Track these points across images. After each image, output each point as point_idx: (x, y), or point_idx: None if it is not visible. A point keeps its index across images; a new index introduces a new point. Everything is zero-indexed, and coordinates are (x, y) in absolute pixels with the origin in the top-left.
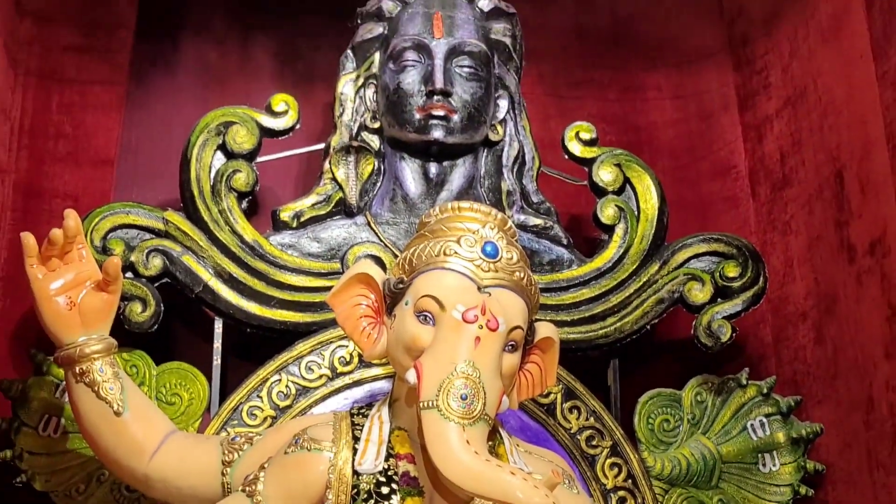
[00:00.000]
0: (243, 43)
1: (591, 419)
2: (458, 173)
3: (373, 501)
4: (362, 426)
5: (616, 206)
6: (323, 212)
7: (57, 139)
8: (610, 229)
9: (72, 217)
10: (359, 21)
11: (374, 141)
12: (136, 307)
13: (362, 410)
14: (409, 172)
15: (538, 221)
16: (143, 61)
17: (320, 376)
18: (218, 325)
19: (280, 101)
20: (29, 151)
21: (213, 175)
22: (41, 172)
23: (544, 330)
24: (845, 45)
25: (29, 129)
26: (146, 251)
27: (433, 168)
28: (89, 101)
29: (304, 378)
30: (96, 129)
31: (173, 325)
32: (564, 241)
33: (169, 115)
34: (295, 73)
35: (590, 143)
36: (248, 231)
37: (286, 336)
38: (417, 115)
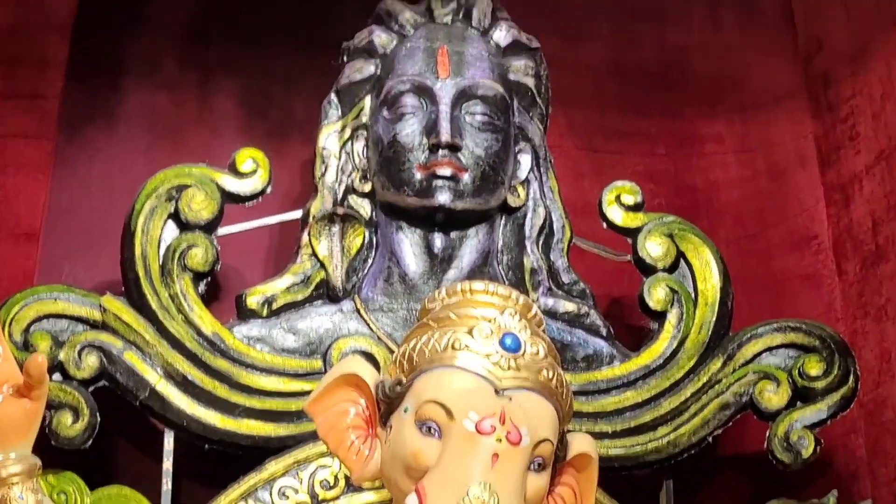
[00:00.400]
0: (202, 87)
1: None
2: (470, 247)
3: None
4: None
5: (667, 286)
6: (300, 296)
7: None
8: (660, 316)
9: None
10: (345, 58)
11: (365, 207)
12: (67, 417)
13: None
14: (409, 246)
15: (571, 307)
16: (77, 110)
17: None
18: (168, 440)
19: (247, 157)
20: None
21: (162, 251)
22: None
23: (579, 443)
24: None
25: None
26: (79, 347)
27: (438, 240)
28: (9, 159)
29: None
30: (17, 193)
31: (113, 439)
32: (603, 332)
33: (109, 175)
34: (266, 123)
35: (634, 207)
36: (206, 321)
37: (254, 453)
38: (418, 175)
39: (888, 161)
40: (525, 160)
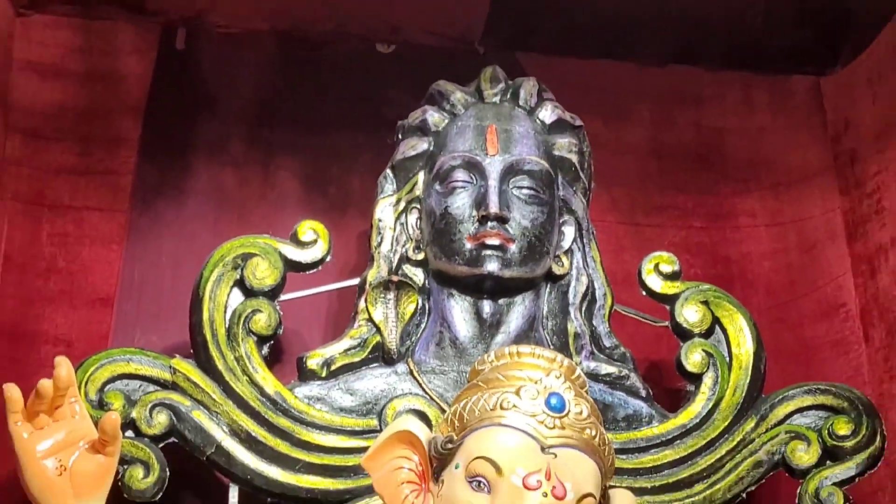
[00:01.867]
0: (265, 166)
1: None
2: (517, 313)
3: None
4: None
5: (703, 351)
6: (357, 359)
7: (48, 275)
8: (696, 379)
9: (63, 366)
10: (399, 136)
11: (418, 275)
12: (138, 472)
13: None
14: (459, 312)
15: (612, 370)
16: (149, 186)
17: None
18: (233, 494)
19: (308, 229)
20: (15, 289)
21: (228, 316)
22: (29, 313)
23: (621, 499)
24: None
25: (16, 263)
26: (150, 406)
27: (487, 307)
28: (86, 231)
29: None
30: (94, 263)
31: (181, 492)
32: (643, 393)
33: (178, 247)
34: (325, 199)
35: (672, 276)
36: (269, 382)
37: None
38: (468, 245)
39: None
40: (569, 231)
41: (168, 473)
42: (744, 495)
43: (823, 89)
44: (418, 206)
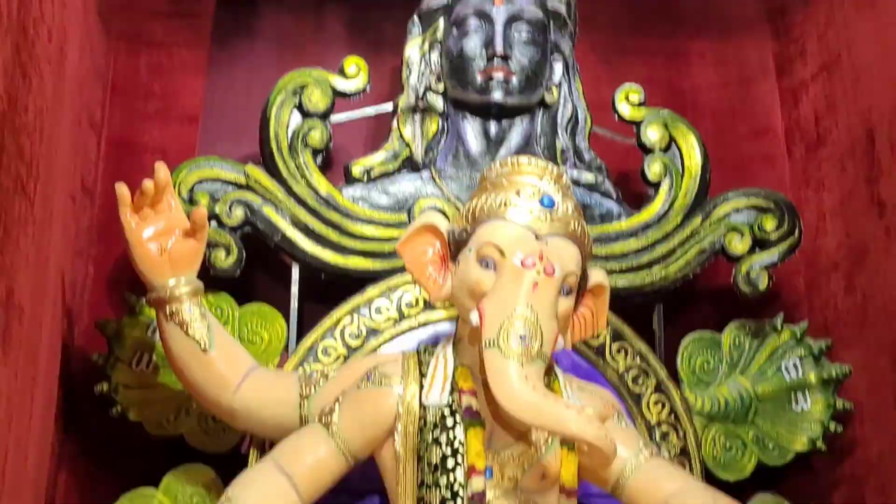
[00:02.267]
0: (317, 12)
1: (637, 359)
2: (517, 132)
3: (438, 431)
4: (428, 363)
5: (662, 163)
6: (391, 167)
7: (146, 98)
8: (656, 185)
9: (162, 169)
10: None
11: (439, 102)
12: (221, 254)
13: (428, 349)
14: (471, 131)
15: (590, 177)
16: (225, 27)
17: (388, 318)
18: (295, 271)
19: (352, 63)
20: (120, 109)
21: (290, 133)
22: (132, 128)
23: (596, 276)
24: (879, 12)
25: (121, 88)
26: (229, 202)
27: (493, 127)
28: (175, 63)
29: (373, 320)
30: (182, 89)
31: (254, 270)
32: (614, 196)
33: (249, 77)
34: (365, 40)
35: (638, 104)
36: (322, 184)
37: (358, 281)
38: (479, 78)
39: (828, 71)
40: (558, 68)
41: (245, 255)
42: (691, 275)
43: None
44: (439, 47)
